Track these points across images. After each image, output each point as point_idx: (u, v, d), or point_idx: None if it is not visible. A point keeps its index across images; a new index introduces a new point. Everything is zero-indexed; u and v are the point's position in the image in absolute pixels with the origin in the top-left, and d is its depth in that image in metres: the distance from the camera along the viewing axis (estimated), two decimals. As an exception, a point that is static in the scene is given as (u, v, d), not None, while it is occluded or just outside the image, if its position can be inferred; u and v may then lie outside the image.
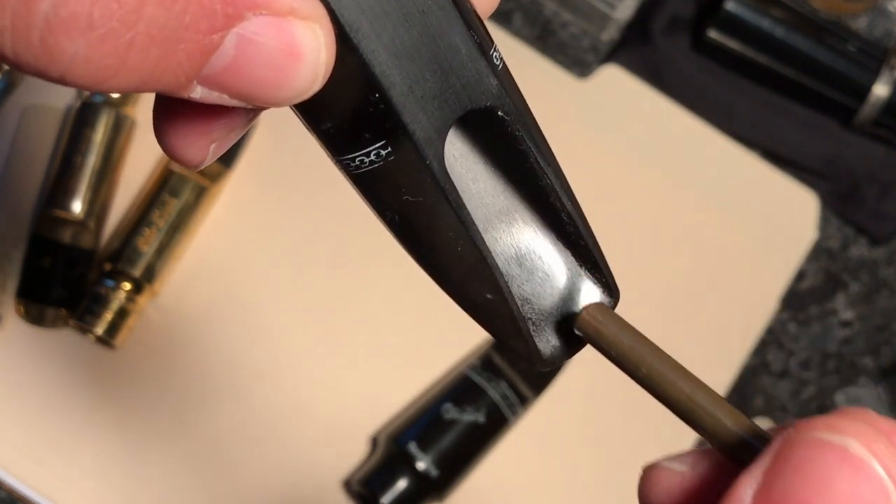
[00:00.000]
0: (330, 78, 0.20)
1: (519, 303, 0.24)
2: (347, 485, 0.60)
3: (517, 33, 0.71)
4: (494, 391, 0.59)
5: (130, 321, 0.58)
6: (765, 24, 0.69)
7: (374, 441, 0.60)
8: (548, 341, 0.25)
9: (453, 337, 0.63)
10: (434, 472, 0.57)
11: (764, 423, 0.69)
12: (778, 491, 0.19)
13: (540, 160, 0.24)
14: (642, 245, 0.68)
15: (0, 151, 0.62)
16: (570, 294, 0.25)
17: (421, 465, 0.56)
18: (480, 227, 0.23)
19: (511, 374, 0.60)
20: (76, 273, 0.59)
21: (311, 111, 0.22)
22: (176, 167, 0.60)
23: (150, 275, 0.59)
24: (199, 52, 0.19)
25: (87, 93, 0.61)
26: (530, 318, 0.24)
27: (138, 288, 0.59)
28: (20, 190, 0.61)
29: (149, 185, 0.61)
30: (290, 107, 0.22)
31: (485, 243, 0.23)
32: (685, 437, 0.65)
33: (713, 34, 0.70)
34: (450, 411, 0.58)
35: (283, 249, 0.63)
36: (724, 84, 0.72)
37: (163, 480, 0.58)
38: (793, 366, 0.69)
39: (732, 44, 0.70)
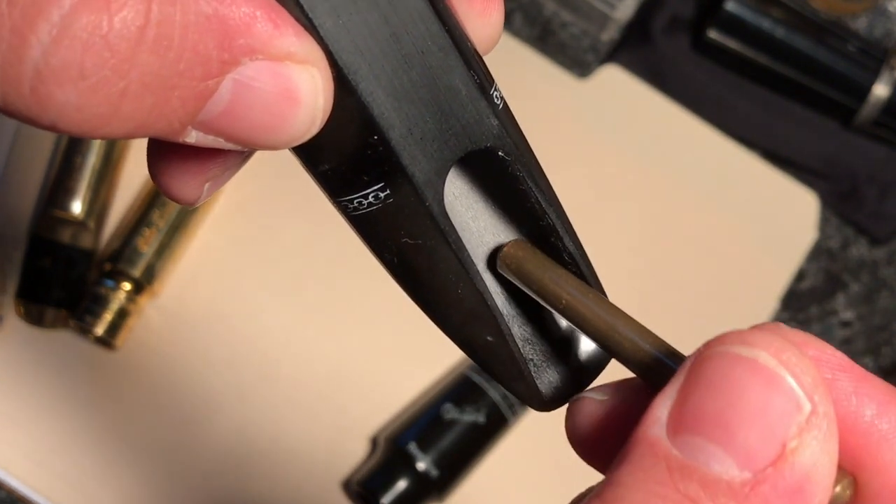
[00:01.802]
0: (328, 120, 0.20)
1: (520, 343, 0.24)
2: (347, 485, 0.60)
3: (517, 33, 0.71)
4: (494, 391, 0.59)
5: (130, 321, 0.58)
6: (765, 24, 0.69)
7: (374, 441, 0.60)
8: (549, 382, 0.24)
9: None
10: (434, 473, 0.57)
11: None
12: (691, 406, 0.19)
13: (541, 200, 0.23)
14: (642, 245, 0.68)
15: (0, 151, 0.62)
16: (572, 332, 0.24)
17: (421, 465, 0.56)
18: (480, 268, 0.23)
19: (511, 374, 0.60)
20: (76, 273, 0.59)
21: (309, 153, 0.22)
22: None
23: (150, 275, 0.59)
24: (195, 98, 0.19)
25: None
26: (531, 360, 0.24)
27: (138, 288, 0.59)
28: (20, 190, 0.61)
29: (149, 185, 0.61)
30: (289, 149, 0.22)
31: (485, 285, 0.22)
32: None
33: (713, 34, 0.70)
34: (450, 411, 0.58)
35: (283, 250, 0.63)
36: (724, 84, 0.72)
37: (163, 480, 0.58)
38: (793, 366, 0.69)
39: (732, 44, 0.70)
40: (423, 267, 0.22)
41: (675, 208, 0.69)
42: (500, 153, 0.22)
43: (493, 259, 0.24)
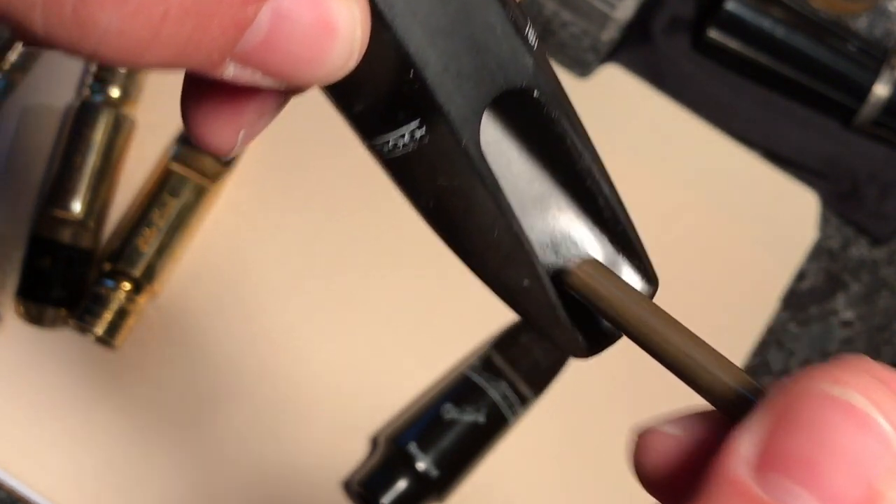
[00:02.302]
0: (363, 57, 0.20)
1: (557, 290, 0.23)
2: (347, 485, 0.60)
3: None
4: (494, 391, 0.59)
5: (130, 321, 0.58)
6: (765, 24, 0.69)
7: (374, 441, 0.60)
8: (587, 329, 0.24)
9: (453, 337, 0.63)
10: (434, 473, 0.57)
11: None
12: (778, 445, 0.19)
13: (577, 142, 0.23)
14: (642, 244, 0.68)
15: (0, 151, 0.62)
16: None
17: (421, 465, 0.56)
18: (517, 212, 0.22)
19: (511, 374, 0.60)
20: (76, 273, 0.59)
21: (344, 92, 0.21)
22: (176, 167, 0.60)
23: (150, 275, 0.59)
24: (234, 26, 0.19)
25: (86, 92, 0.61)
26: (569, 306, 0.24)
27: (138, 288, 0.59)
28: (20, 190, 0.61)
29: (149, 185, 0.61)
30: (322, 89, 0.21)
31: (521, 228, 0.22)
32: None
33: (713, 34, 0.70)
34: (450, 412, 0.58)
35: (284, 249, 0.63)
36: (725, 84, 0.72)
37: (163, 480, 0.58)
38: (793, 366, 0.69)
39: (733, 44, 0.70)
40: (459, 210, 0.22)
41: (674, 208, 0.69)
42: (535, 93, 0.22)
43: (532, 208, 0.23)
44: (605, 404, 0.64)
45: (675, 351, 0.22)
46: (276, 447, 0.60)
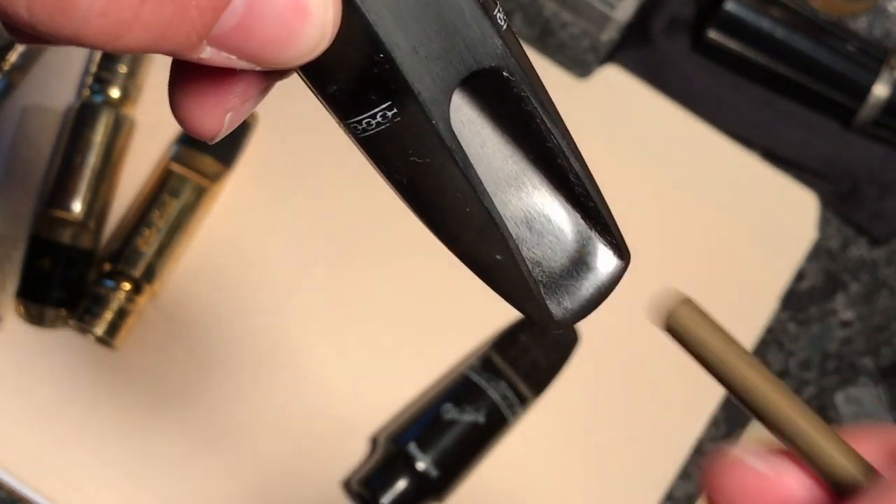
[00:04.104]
0: (335, 40, 0.21)
1: (529, 265, 0.24)
2: (347, 485, 0.60)
3: (517, 33, 0.71)
4: (494, 391, 0.59)
5: (130, 321, 0.58)
6: (764, 24, 0.69)
7: (374, 441, 0.60)
8: (559, 304, 0.24)
9: (453, 337, 0.63)
10: (434, 473, 0.57)
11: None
12: None
13: (546, 120, 0.23)
14: (642, 245, 0.67)
15: (0, 152, 0.62)
16: (581, 257, 0.25)
17: (421, 465, 0.56)
18: (489, 191, 0.23)
19: (511, 374, 0.60)
20: (76, 273, 0.59)
21: (318, 74, 0.22)
22: (176, 167, 0.60)
23: (150, 275, 0.59)
24: (211, 8, 0.19)
25: (86, 93, 0.61)
26: (541, 281, 0.24)
27: (138, 288, 0.59)
28: (20, 190, 0.61)
29: (149, 186, 0.61)
30: (297, 72, 0.22)
31: (493, 203, 0.23)
32: (684, 438, 0.65)
33: (713, 34, 0.70)
34: (449, 412, 0.58)
35: (283, 249, 0.63)
36: (724, 84, 0.72)
37: (163, 480, 0.58)
38: (792, 366, 0.69)
39: (732, 44, 0.70)
40: (432, 186, 0.23)
41: (674, 208, 0.69)
42: (504, 73, 0.22)
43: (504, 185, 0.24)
44: (605, 404, 0.64)
45: (783, 419, 0.22)
46: (276, 447, 0.60)
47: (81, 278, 0.59)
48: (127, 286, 0.58)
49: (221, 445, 0.59)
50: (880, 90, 0.69)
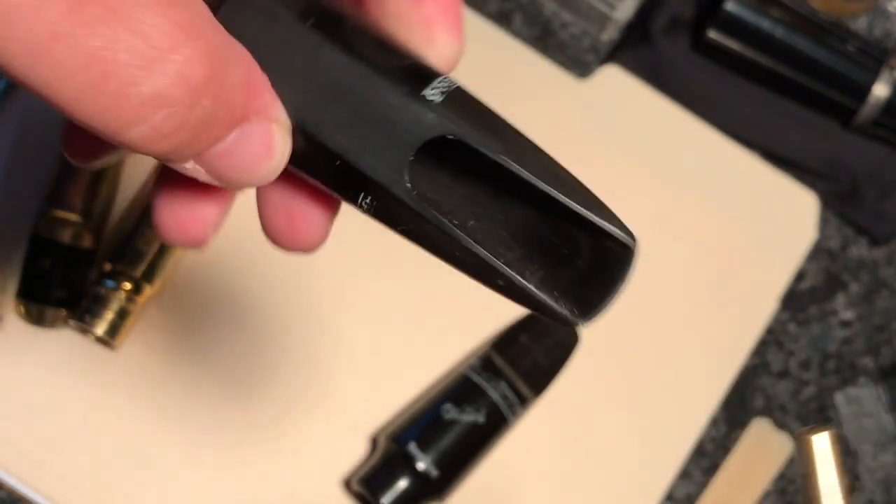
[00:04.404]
0: (309, 159, 0.26)
1: (534, 284, 0.26)
2: (347, 484, 0.60)
3: (517, 34, 0.71)
4: (494, 391, 0.59)
5: (130, 321, 0.58)
6: (764, 24, 0.69)
7: (374, 441, 0.60)
8: (579, 303, 0.26)
9: (453, 337, 0.63)
10: (434, 473, 0.57)
11: (764, 425, 0.69)
12: None
13: (508, 161, 0.25)
14: (641, 245, 0.68)
15: (0, 152, 0.62)
16: (589, 261, 0.27)
17: (421, 465, 0.56)
18: (468, 232, 0.26)
19: (511, 374, 0.60)
20: (76, 273, 0.59)
21: (313, 180, 0.27)
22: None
23: (150, 275, 0.59)
24: (214, 138, 0.24)
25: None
26: (553, 293, 0.26)
27: (139, 288, 0.59)
28: (20, 190, 0.61)
29: (149, 185, 0.61)
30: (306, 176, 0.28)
31: (476, 245, 0.26)
32: (684, 438, 0.65)
33: (713, 34, 0.70)
34: (450, 412, 0.58)
35: (283, 249, 0.63)
36: (724, 84, 0.72)
37: (163, 480, 0.58)
38: (792, 366, 0.69)
39: (732, 44, 0.70)
40: (426, 243, 0.27)
41: (674, 208, 0.69)
42: (448, 136, 0.25)
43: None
44: (605, 404, 0.64)
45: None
46: (277, 446, 0.60)
47: (82, 278, 0.59)
48: (127, 286, 0.58)
49: (222, 445, 0.59)
50: (880, 90, 0.69)
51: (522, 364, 0.60)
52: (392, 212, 0.26)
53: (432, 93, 0.25)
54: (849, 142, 0.72)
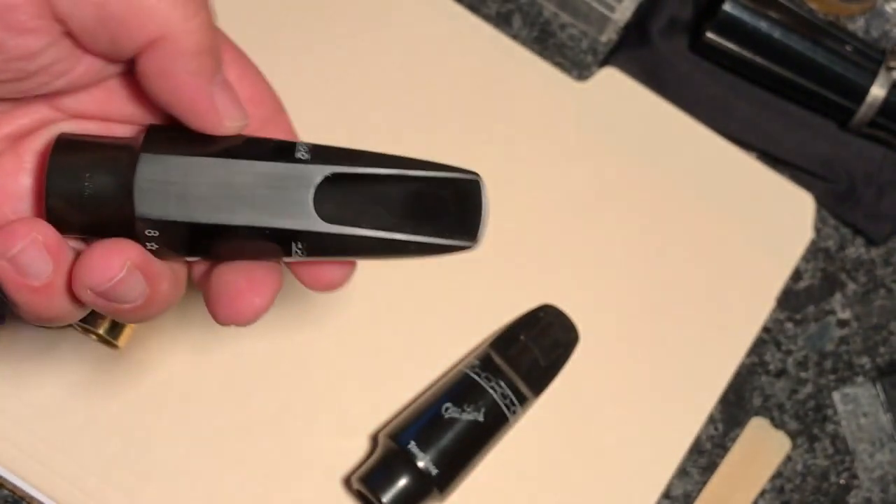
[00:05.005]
0: (239, 244, 0.34)
1: (432, 237, 0.33)
2: (348, 483, 0.60)
3: (516, 35, 0.71)
4: (494, 391, 0.59)
5: (132, 321, 0.59)
6: (762, 25, 0.69)
7: (375, 439, 0.61)
8: (466, 231, 0.34)
9: (453, 336, 0.63)
10: (434, 471, 0.57)
11: (762, 423, 0.69)
12: None
13: (375, 170, 0.33)
14: (640, 246, 0.68)
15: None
16: (454, 206, 0.34)
17: (421, 463, 0.57)
18: (388, 227, 0.33)
19: (511, 373, 0.60)
20: (78, 273, 0.59)
21: (250, 257, 0.36)
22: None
23: (151, 275, 0.59)
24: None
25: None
26: (445, 235, 0.34)
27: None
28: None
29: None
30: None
31: (389, 233, 0.33)
32: (682, 437, 0.65)
33: (711, 36, 0.70)
34: (449, 410, 0.58)
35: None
36: (722, 85, 0.72)
37: (165, 479, 0.58)
38: (790, 365, 0.70)
39: (730, 45, 0.70)
40: (354, 254, 0.35)
41: (672, 209, 0.69)
42: (328, 175, 0.33)
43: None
44: (604, 404, 0.65)
45: None
46: (278, 445, 0.60)
47: (84, 278, 0.59)
48: (129, 286, 0.58)
49: (223, 443, 0.60)
50: (877, 91, 0.69)
51: (522, 363, 0.61)
52: (319, 245, 0.33)
53: (301, 155, 0.33)
54: (846, 142, 0.72)
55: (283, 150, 0.33)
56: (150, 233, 0.32)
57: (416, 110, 0.67)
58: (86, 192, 0.32)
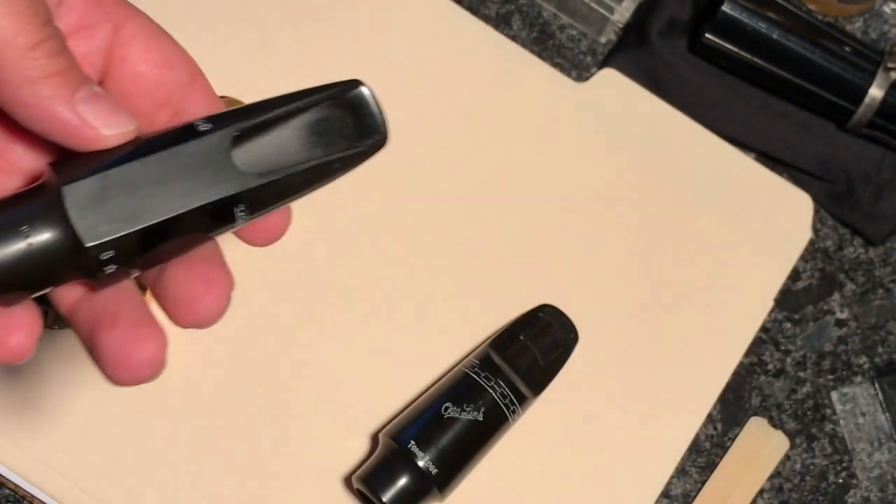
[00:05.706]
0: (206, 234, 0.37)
1: (346, 149, 0.36)
2: (348, 482, 0.60)
3: (516, 36, 0.72)
4: (494, 390, 0.59)
5: (133, 321, 0.59)
6: (761, 26, 0.70)
7: (375, 439, 0.61)
8: (371, 139, 0.36)
9: (453, 336, 0.64)
10: (434, 471, 0.57)
11: (760, 423, 0.69)
12: None
13: (268, 114, 0.34)
14: (639, 246, 0.68)
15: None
16: (351, 123, 0.36)
17: (421, 463, 0.57)
18: (318, 157, 0.36)
19: (510, 373, 0.60)
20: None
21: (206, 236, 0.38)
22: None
23: (152, 275, 0.59)
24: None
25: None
26: (357, 144, 0.36)
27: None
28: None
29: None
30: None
31: (314, 160, 0.36)
32: (681, 436, 0.66)
33: (710, 37, 0.70)
34: (449, 410, 0.58)
35: (284, 248, 0.63)
36: (721, 86, 0.73)
37: (166, 478, 0.59)
38: (788, 365, 0.70)
39: (729, 46, 0.70)
40: (289, 196, 0.38)
41: (671, 209, 0.69)
42: (236, 133, 0.34)
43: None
44: (603, 403, 0.65)
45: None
46: (278, 445, 0.60)
47: (85, 278, 0.59)
48: (130, 286, 0.59)
49: (223, 443, 0.60)
50: (876, 92, 0.69)
51: (521, 363, 0.61)
52: (259, 199, 0.35)
53: (203, 128, 0.34)
54: (844, 143, 0.73)
55: (185, 131, 0.33)
56: (104, 256, 0.32)
57: (416, 111, 0.67)
58: (30, 247, 0.31)
